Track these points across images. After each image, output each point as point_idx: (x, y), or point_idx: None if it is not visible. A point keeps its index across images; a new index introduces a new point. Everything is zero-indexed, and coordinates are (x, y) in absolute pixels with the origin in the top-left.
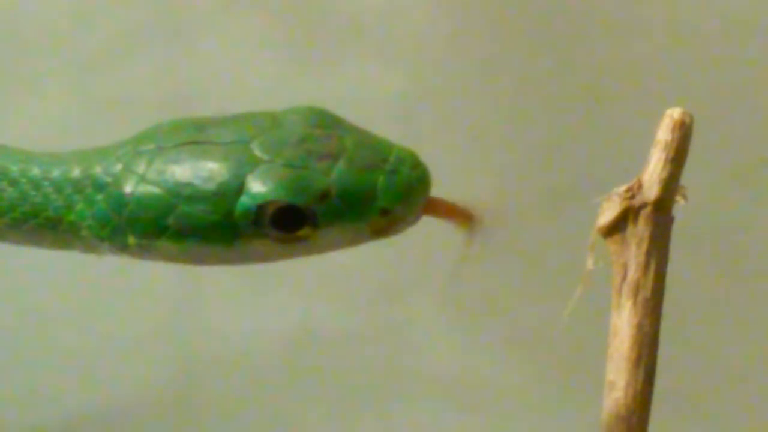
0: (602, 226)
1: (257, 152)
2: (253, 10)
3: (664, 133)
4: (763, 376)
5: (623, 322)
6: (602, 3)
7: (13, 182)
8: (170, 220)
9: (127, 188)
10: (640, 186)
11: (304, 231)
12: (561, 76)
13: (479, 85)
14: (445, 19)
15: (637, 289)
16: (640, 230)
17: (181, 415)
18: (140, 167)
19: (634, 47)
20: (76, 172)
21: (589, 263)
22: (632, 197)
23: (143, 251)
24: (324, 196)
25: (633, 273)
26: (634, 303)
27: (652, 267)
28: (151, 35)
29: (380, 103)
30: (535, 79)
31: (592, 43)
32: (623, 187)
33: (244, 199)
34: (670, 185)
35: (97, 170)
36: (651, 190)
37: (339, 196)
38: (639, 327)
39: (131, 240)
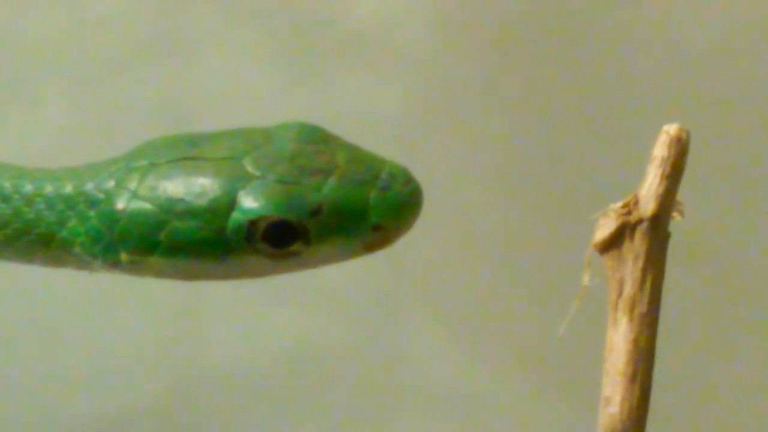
0: (599, 241)
1: (249, 168)
2: (251, 25)
3: (660, 149)
4: (759, 392)
5: (619, 337)
6: (599, 19)
7: (6, 198)
8: (162, 236)
9: (120, 204)
10: (636, 202)
11: (296, 246)
12: (557, 92)
13: (474, 101)
14: (441, 35)
15: (633, 305)
16: (636, 246)
17: (177, 427)
18: (132, 183)
19: (631, 64)
20: (68, 189)
21: (586, 279)
22: (629, 213)
23: (135, 267)
24: (316, 211)
25: (629, 288)
26: (631, 318)
27: (649, 283)
28: (150, 49)
29: (375, 118)
30: (530, 94)
31: (588, 59)
32: (620, 203)
33: (235, 215)
34: (667, 201)
35: (90, 187)
36: (647, 206)
37: (331, 211)
38: (635, 343)
39: (123, 256)
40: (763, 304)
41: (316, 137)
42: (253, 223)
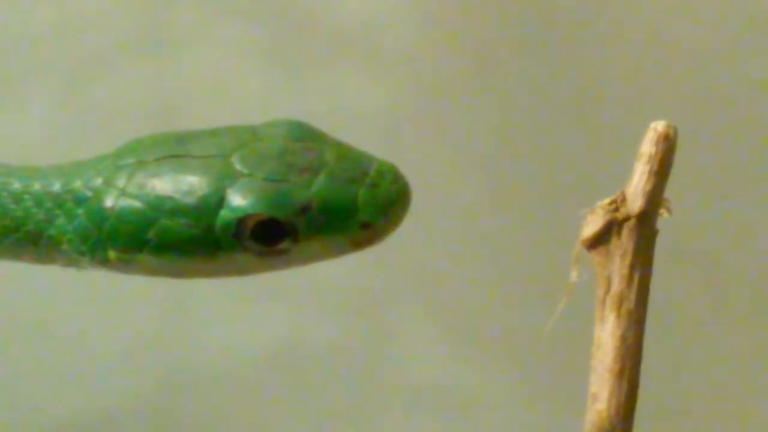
0: (586, 238)
1: (237, 166)
2: (240, 22)
3: (648, 146)
4: (745, 388)
5: (607, 334)
6: (590, 17)
7: None
8: (151, 234)
9: (108, 202)
10: (623, 199)
11: (285, 244)
12: (546, 90)
13: (463, 99)
14: (430, 32)
15: (620, 302)
16: (624, 243)
17: (166, 426)
18: (121, 181)
19: (620, 61)
20: (56, 186)
21: (573, 275)
22: (616, 210)
23: (124, 265)
24: (304, 209)
25: (617, 285)
26: (618, 315)
27: (636, 279)
28: (138, 46)
29: (363, 115)
30: (519, 92)
31: (577, 58)
32: (607, 200)
33: (224, 213)
34: (654, 198)
35: (78, 184)
36: (635, 203)
37: (319, 209)
38: (622, 339)
39: (112, 254)
40: (750, 300)
41: (304, 135)
42: (241, 221)
